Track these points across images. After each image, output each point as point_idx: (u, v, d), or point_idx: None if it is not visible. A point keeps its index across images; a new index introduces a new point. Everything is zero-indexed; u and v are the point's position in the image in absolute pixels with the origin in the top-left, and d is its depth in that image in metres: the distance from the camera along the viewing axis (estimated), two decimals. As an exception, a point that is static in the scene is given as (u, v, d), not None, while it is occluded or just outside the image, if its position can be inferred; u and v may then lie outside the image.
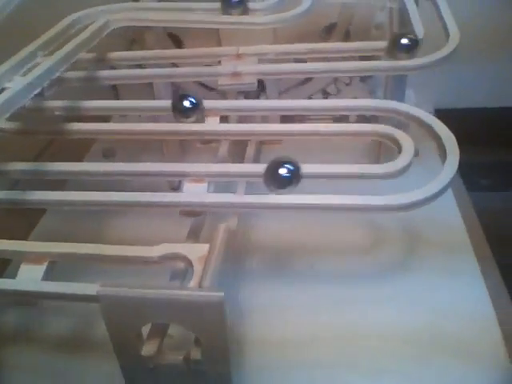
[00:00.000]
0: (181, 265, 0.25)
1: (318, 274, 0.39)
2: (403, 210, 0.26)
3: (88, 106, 0.34)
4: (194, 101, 0.31)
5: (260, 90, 0.52)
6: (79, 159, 0.51)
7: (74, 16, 0.36)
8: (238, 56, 0.35)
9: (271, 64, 0.35)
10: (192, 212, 0.28)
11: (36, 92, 0.29)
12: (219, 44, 0.45)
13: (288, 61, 0.37)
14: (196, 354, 0.24)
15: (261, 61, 0.36)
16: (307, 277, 0.39)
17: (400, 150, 0.29)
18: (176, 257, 0.25)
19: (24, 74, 0.30)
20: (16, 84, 0.29)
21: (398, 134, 0.29)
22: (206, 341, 0.23)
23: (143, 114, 0.33)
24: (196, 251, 0.25)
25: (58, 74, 0.31)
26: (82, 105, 0.34)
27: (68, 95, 0.34)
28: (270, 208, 0.26)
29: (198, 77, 0.35)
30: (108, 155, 0.53)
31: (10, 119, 0.33)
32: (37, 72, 0.29)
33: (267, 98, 0.51)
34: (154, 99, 0.41)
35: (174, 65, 0.38)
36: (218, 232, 0.25)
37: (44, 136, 0.33)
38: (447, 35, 0.35)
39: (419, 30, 0.35)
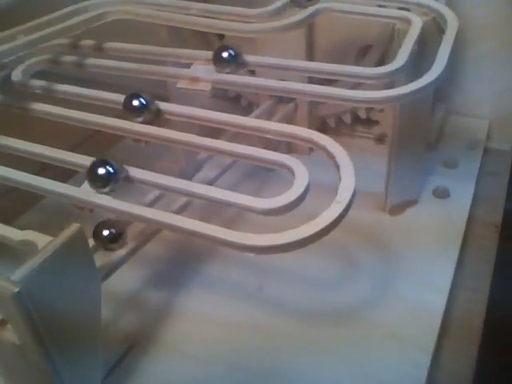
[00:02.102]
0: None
1: (263, 298, 0.37)
2: (255, 252, 0.24)
3: (64, 89, 0.36)
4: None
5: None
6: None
7: (80, 5, 0.39)
8: (209, 61, 0.35)
9: (229, 75, 0.33)
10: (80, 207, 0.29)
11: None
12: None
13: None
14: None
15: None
16: (250, 298, 0.37)
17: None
18: (30, 244, 0.26)
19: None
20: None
21: (294, 163, 0.26)
22: (16, 329, 0.24)
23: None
24: (44, 242, 0.25)
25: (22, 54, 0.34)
26: (60, 88, 0.36)
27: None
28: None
29: (161, 76, 0.35)
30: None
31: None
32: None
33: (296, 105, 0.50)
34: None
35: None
36: (68, 229, 0.25)
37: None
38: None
39: (401, 58, 0.31)
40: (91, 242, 0.30)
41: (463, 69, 0.55)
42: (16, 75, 0.37)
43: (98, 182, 0.27)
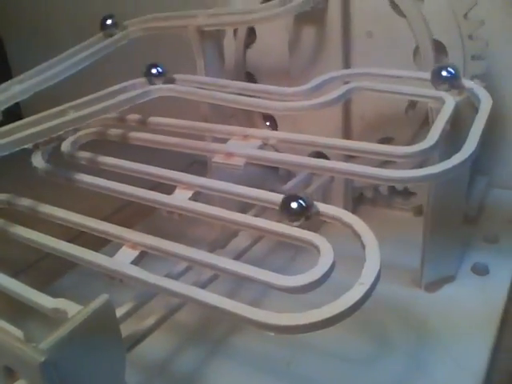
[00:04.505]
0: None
1: (290, 375, 0.36)
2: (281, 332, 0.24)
3: (106, 161, 0.38)
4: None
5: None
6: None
7: (128, 83, 0.42)
8: (245, 137, 0.36)
9: (263, 151, 0.35)
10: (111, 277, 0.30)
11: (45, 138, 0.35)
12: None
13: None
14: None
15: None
16: (278, 374, 0.37)
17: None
18: (61, 313, 0.27)
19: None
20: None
21: (320, 241, 0.26)
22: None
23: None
24: (74, 311, 0.26)
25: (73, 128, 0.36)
26: (104, 160, 0.38)
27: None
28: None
29: (199, 150, 0.36)
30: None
31: (48, 162, 0.40)
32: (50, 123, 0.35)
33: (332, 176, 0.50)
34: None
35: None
36: (96, 300, 0.26)
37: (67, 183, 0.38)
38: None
39: (431, 138, 0.32)
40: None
41: (505, 142, 0.55)
42: (65, 146, 0.40)
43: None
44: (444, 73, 0.35)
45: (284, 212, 0.28)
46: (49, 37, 0.79)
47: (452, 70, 0.35)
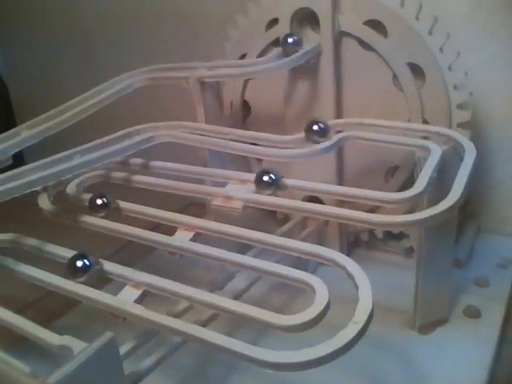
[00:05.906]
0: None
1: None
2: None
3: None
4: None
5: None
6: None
7: (132, 129, 0.44)
8: (243, 181, 0.38)
9: (260, 195, 0.36)
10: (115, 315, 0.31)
11: (53, 182, 0.37)
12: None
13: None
14: None
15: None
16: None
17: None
18: (67, 349, 0.28)
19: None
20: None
21: (315, 281, 0.28)
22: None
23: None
24: (79, 348, 0.27)
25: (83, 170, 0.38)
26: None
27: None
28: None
29: (199, 193, 0.38)
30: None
31: (53, 203, 0.41)
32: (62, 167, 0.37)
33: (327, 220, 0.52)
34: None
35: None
36: (101, 337, 0.27)
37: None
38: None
39: (419, 185, 0.34)
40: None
41: (494, 188, 0.57)
42: (70, 188, 0.42)
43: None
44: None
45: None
46: (54, 84, 0.82)
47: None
